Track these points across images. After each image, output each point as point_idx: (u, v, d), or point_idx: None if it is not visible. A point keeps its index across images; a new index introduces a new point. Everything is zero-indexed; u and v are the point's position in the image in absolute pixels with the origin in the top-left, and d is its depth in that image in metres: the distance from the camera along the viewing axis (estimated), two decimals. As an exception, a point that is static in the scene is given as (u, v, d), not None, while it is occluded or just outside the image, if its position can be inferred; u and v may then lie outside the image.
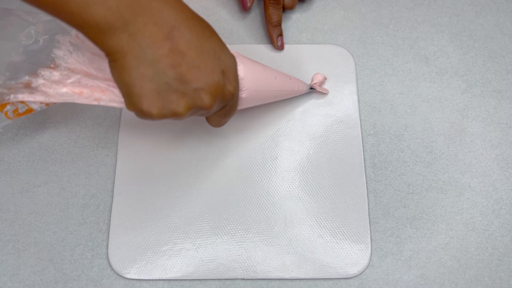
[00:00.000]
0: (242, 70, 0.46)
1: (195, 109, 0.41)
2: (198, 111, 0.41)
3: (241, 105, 0.48)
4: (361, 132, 0.56)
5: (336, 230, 0.51)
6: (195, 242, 0.50)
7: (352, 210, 0.52)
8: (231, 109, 0.46)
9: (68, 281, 0.49)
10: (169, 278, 0.49)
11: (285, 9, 0.60)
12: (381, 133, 0.56)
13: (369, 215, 0.52)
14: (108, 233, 0.51)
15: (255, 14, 0.62)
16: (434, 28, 0.61)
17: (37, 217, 0.52)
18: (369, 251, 0.50)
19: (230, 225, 0.51)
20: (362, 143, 0.55)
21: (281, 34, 0.59)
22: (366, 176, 0.54)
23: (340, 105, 0.57)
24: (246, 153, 0.54)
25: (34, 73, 0.42)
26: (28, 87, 0.42)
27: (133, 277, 0.49)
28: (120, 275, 0.49)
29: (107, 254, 0.50)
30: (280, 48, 0.59)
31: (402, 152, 0.55)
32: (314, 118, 0.56)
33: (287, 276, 0.49)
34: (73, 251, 0.50)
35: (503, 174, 0.54)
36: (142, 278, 0.49)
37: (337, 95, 0.57)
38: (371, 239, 0.51)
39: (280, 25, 0.59)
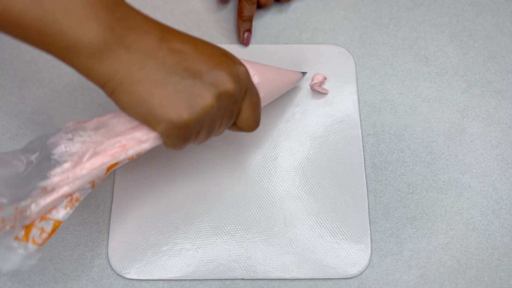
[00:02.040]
0: (257, 77, 0.47)
1: (224, 98, 0.38)
2: (227, 101, 0.39)
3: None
4: (361, 132, 0.56)
5: (336, 230, 0.51)
6: (195, 242, 0.50)
7: (352, 210, 0.52)
8: (255, 95, 0.44)
9: (68, 281, 0.49)
10: (169, 278, 0.49)
11: (260, 6, 0.60)
12: (381, 133, 0.56)
13: (369, 215, 0.52)
14: (108, 233, 0.51)
15: (255, 15, 0.62)
16: (434, 28, 0.61)
17: (37, 217, 0.52)
18: (369, 251, 0.50)
19: (230, 225, 0.51)
20: (362, 143, 0.55)
21: (249, 30, 0.59)
22: (366, 176, 0.54)
23: (340, 105, 0.57)
24: (246, 153, 0.54)
25: (44, 177, 0.37)
26: (43, 193, 0.37)
27: (133, 277, 0.49)
28: (120, 275, 0.49)
29: (107, 254, 0.50)
30: (245, 43, 0.59)
31: (402, 152, 0.55)
32: (314, 118, 0.56)
33: (287, 276, 0.49)
34: (73, 251, 0.50)
35: (503, 174, 0.54)
36: (142, 278, 0.49)
37: (337, 95, 0.57)
38: (371, 239, 0.51)
39: (250, 21, 0.59)
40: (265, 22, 0.62)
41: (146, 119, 0.37)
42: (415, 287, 0.49)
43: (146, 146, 0.39)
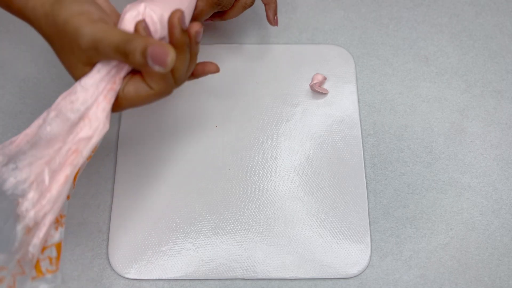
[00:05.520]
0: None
1: None
2: None
3: None
4: (361, 132, 0.56)
5: (336, 230, 0.51)
6: (195, 242, 0.50)
7: (352, 210, 0.52)
8: None
9: (68, 281, 0.49)
10: (169, 278, 0.49)
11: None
12: (381, 133, 0.56)
13: (369, 215, 0.52)
14: (108, 233, 0.51)
15: (255, 15, 0.62)
16: (434, 28, 0.61)
17: (37, 217, 0.52)
18: (369, 251, 0.50)
19: (230, 225, 0.51)
20: (362, 143, 0.55)
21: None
22: (366, 176, 0.54)
23: (340, 105, 0.57)
24: (246, 153, 0.54)
25: (17, 218, 0.36)
26: (29, 233, 0.36)
27: (133, 277, 0.49)
28: (120, 275, 0.49)
29: (107, 254, 0.50)
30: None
31: (402, 152, 0.55)
32: (314, 118, 0.56)
33: (287, 276, 0.49)
34: (73, 251, 0.50)
35: (503, 174, 0.54)
36: (142, 278, 0.49)
37: (337, 95, 0.57)
38: (371, 239, 0.51)
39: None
40: (265, 22, 0.62)
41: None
42: (415, 287, 0.49)
43: (94, 140, 0.37)
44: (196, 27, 0.37)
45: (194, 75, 0.43)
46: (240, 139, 0.55)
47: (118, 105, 0.38)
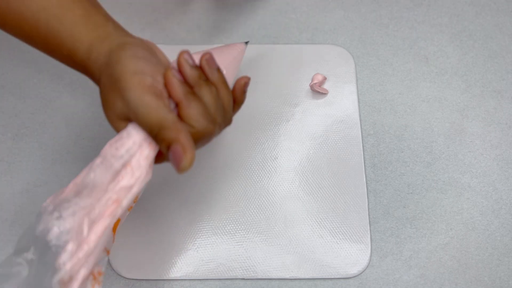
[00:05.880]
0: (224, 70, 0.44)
1: None
2: None
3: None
4: (361, 132, 0.56)
5: (336, 230, 0.51)
6: (195, 242, 0.50)
7: (352, 210, 0.52)
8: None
9: (68, 281, 0.49)
10: (169, 278, 0.49)
11: None
12: (381, 133, 0.56)
13: (369, 215, 0.52)
14: (108, 233, 0.51)
15: (255, 15, 0.62)
16: (434, 28, 0.62)
17: (37, 217, 0.52)
18: (369, 251, 0.50)
19: (230, 225, 0.51)
20: (362, 143, 0.55)
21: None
22: (366, 176, 0.54)
23: (340, 105, 0.57)
24: (246, 153, 0.54)
25: (55, 270, 0.34)
26: (64, 284, 0.34)
27: (133, 277, 0.49)
28: (120, 275, 0.49)
29: (107, 254, 0.50)
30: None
31: (402, 152, 0.55)
32: (314, 118, 0.56)
33: (287, 276, 0.49)
34: (73, 251, 0.50)
35: (503, 174, 0.54)
36: (142, 278, 0.49)
37: (337, 95, 0.57)
38: (371, 239, 0.51)
39: None
40: (265, 22, 0.62)
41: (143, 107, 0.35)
42: (415, 287, 0.49)
43: (135, 189, 0.36)
44: (206, 55, 0.37)
45: (236, 102, 0.40)
46: (240, 139, 0.55)
47: (162, 154, 0.37)
